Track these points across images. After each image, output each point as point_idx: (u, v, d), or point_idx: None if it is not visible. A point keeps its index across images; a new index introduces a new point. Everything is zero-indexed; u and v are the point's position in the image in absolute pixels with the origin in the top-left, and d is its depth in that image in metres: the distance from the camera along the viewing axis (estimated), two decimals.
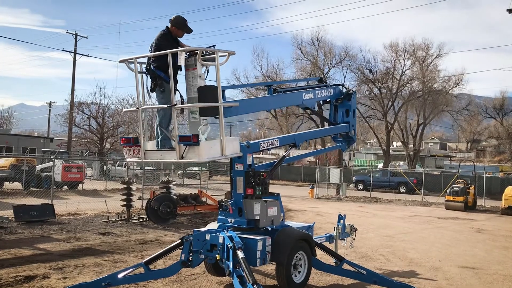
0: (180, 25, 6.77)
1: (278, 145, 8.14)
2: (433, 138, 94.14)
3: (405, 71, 45.58)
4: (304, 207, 22.55)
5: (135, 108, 6.82)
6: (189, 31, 6.88)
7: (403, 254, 11.05)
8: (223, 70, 6.62)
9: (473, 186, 25.11)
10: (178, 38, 6.79)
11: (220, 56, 6.24)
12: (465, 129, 63.37)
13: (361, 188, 38.51)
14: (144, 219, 15.24)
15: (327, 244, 8.63)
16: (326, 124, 9.77)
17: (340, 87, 9.53)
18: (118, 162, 36.21)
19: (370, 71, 45.14)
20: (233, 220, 6.99)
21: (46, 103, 66.93)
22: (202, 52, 6.41)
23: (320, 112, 9.88)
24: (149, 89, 6.70)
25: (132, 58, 6.53)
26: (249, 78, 47.23)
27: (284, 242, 6.88)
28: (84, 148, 45.12)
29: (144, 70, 6.73)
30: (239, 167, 7.07)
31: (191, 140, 6.00)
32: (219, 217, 7.24)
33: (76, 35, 43.00)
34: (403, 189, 36.77)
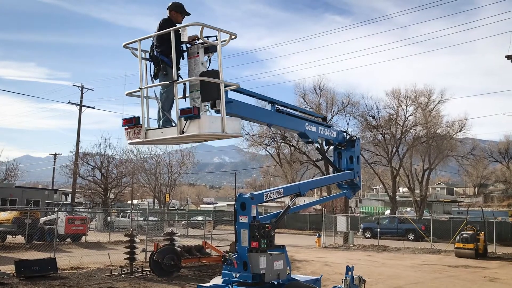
0: (178, 9, 6.96)
1: (282, 195, 8.05)
2: (439, 183, 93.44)
3: (408, 117, 45.83)
4: (311, 257, 22.07)
5: (137, 89, 6.84)
6: (187, 13, 7.04)
7: None
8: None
9: (482, 232, 24.62)
10: (178, 24, 6.88)
11: (222, 41, 6.33)
12: (472, 174, 62.95)
13: (369, 236, 37.84)
14: (148, 272, 14.92)
15: None
16: (330, 169, 9.71)
17: (344, 134, 9.54)
18: (122, 213, 35.96)
19: (373, 117, 45.41)
20: (238, 275, 6.81)
21: (51, 154, 67.24)
22: (207, 38, 6.49)
23: (324, 154, 9.84)
24: (152, 75, 6.85)
25: (135, 41, 6.73)
26: (253, 125, 47.45)
27: None
28: (88, 199, 44.95)
29: (147, 59, 6.91)
30: (244, 219, 6.95)
31: (192, 112, 5.98)
32: (223, 271, 7.05)
33: (82, 87, 43.82)
34: (411, 236, 36.09)
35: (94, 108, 45.37)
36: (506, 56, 25.77)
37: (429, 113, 45.40)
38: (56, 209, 23.32)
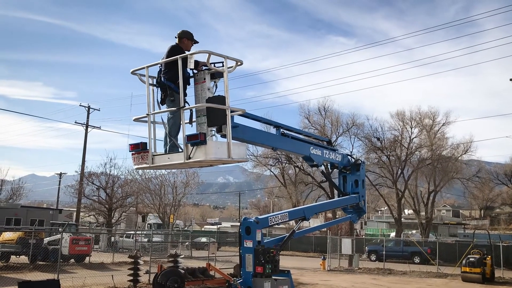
0: (189, 36, 7.11)
1: (287, 219, 8.06)
2: (445, 206, 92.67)
3: (412, 139, 45.72)
4: (316, 280, 21.87)
5: (145, 115, 6.91)
6: (196, 42, 7.18)
7: None
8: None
9: (489, 256, 24.32)
10: (187, 51, 6.99)
11: (228, 67, 6.44)
12: (477, 196, 62.45)
13: (374, 258, 37.46)
14: None
15: None
16: (335, 190, 9.73)
17: (349, 157, 9.57)
18: (126, 233, 35.82)
19: (378, 139, 45.32)
20: None
21: (57, 173, 67.37)
22: (213, 65, 6.60)
23: (329, 176, 9.90)
24: (159, 101, 6.94)
25: (143, 68, 6.85)
26: (258, 148, 47.53)
27: None
28: (93, 219, 44.88)
29: (154, 85, 7.02)
30: (248, 243, 6.95)
31: (198, 138, 6.05)
32: None
33: (89, 108, 44.15)
34: (417, 260, 35.69)
35: (100, 128, 45.62)
36: (510, 79, 25.94)
37: (434, 135, 45.32)
38: (60, 229, 23.28)
